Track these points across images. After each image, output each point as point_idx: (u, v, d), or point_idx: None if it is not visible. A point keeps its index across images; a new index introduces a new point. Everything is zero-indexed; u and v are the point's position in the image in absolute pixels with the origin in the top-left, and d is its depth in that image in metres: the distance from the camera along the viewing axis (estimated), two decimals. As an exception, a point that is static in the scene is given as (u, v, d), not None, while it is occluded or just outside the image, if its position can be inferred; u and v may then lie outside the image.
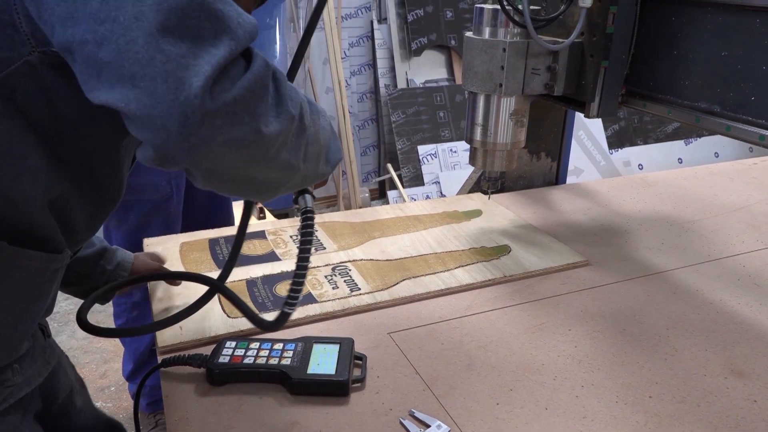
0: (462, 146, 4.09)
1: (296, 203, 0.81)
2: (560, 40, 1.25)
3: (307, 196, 0.81)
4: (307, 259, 0.79)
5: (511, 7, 1.17)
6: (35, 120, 0.62)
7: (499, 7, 1.18)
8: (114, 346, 2.65)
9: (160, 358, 1.00)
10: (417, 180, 4.04)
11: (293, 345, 1.00)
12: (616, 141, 4.63)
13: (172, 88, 0.50)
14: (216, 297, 1.16)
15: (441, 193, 3.95)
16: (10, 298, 0.68)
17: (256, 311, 1.04)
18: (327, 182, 0.86)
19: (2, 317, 0.68)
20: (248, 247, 1.37)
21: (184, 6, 0.50)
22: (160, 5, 0.50)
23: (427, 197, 3.96)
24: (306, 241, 0.78)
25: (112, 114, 0.54)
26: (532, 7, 1.19)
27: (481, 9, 1.23)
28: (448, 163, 4.07)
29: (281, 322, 0.85)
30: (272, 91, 0.56)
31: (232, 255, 0.94)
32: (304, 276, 0.80)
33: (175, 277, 1.15)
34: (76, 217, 0.72)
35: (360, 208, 3.31)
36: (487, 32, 1.23)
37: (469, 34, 1.27)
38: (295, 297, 0.82)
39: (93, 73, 0.52)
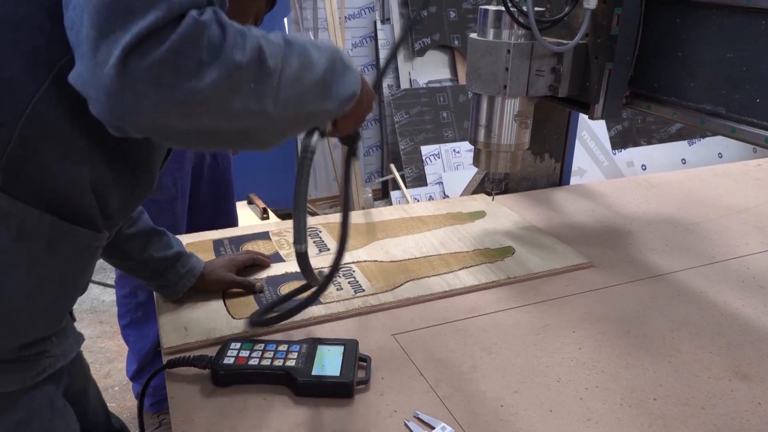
0: (465, 147, 4.10)
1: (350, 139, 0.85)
2: (565, 41, 1.25)
3: (314, 134, 0.80)
4: (302, 195, 0.82)
5: (515, 9, 1.17)
6: (82, 107, 0.64)
7: (503, 8, 1.18)
8: (118, 346, 2.66)
9: (165, 359, 1.01)
10: (420, 180, 4.04)
11: (298, 346, 1.00)
12: (620, 141, 4.63)
13: (99, 62, 0.53)
14: (221, 299, 1.17)
15: (444, 193, 3.95)
16: (58, 271, 0.73)
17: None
18: (364, 117, 0.82)
19: (50, 288, 0.73)
20: (252, 249, 1.37)
21: None
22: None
23: (430, 198, 3.96)
24: (299, 176, 0.80)
25: None
26: (536, 8, 1.19)
27: (486, 10, 1.23)
28: (451, 163, 4.07)
29: (305, 267, 0.89)
30: (208, 43, 0.56)
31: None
32: (302, 213, 0.84)
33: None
34: (112, 200, 0.77)
35: (363, 208, 3.31)
36: (491, 34, 1.23)
37: (473, 35, 1.27)
38: (300, 236, 0.85)
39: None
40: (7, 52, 0.63)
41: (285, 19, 3.63)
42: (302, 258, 0.88)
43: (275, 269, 1.30)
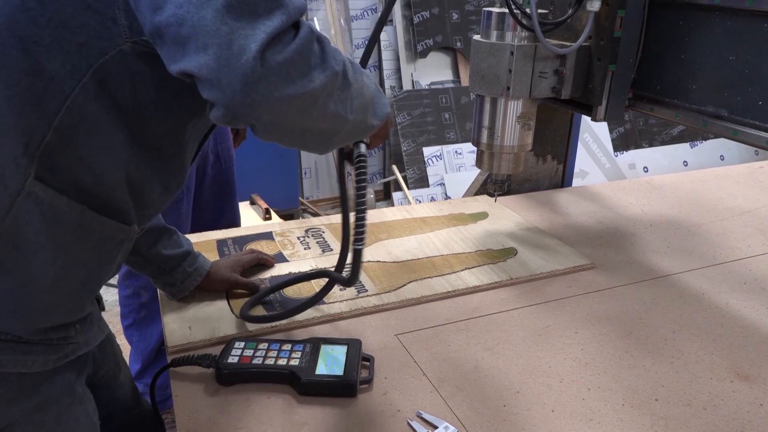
0: (467, 148, 4.10)
1: (350, 152, 0.91)
2: (568, 43, 1.25)
3: (362, 144, 0.90)
4: (364, 196, 0.87)
5: (519, 11, 1.18)
6: (121, 102, 0.71)
7: (506, 10, 1.19)
8: (121, 346, 2.66)
9: (169, 358, 1.01)
10: (422, 181, 4.04)
11: (301, 346, 1.00)
12: (621, 144, 4.63)
13: (234, 53, 0.59)
14: (225, 298, 1.17)
15: (446, 194, 3.96)
16: (84, 259, 0.76)
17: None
18: (389, 136, 0.92)
19: (75, 275, 0.76)
20: (256, 249, 1.38)
21: None
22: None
23: (432, 199, 3.96)
24: (361, 180, 0.87)
25: (181, 100, 0.69)
26: (539, 10, 1.20)
27: (489, 12, 1.24)
28: (453, 164, 4.07)
29: (357, 267, 0.92)
30: (317, 52, 0.65)
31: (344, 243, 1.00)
32: (364, 212, 0.88)
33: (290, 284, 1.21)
34: (145, 195, 0.81)
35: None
36: (494, 35, 1.24)
37: (476, 37, 1.28)
38: (360, 236, 0.89)
39: (178, 48, 0.61)
40: (53, 48, 0.66)
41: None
42: (358, 255, 0.92)
43: (279, 269, 1.30)
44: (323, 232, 1.50)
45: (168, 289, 1.15)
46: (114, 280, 2.98)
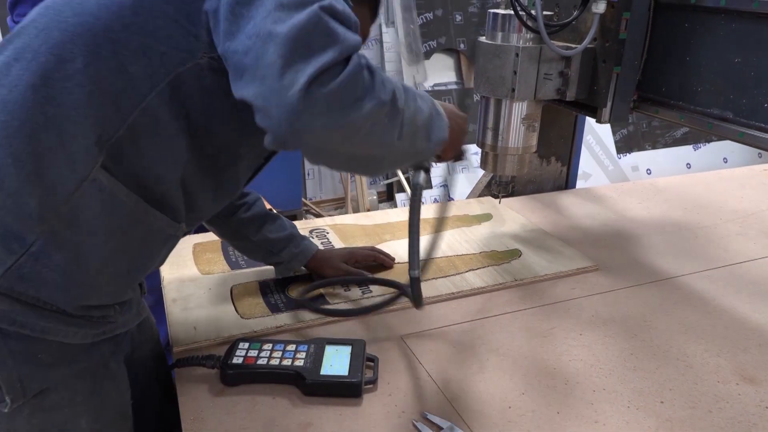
0: (470, 149, 4.09)
1: (410, 177, 0.94)
2: (573, 45, 1.25)
3: (420, 172, 0.94)
4: (414, 225, 0.92)
5: (524, 13, 1.18)
6: (189, 110, 0.77)
7: (512, 12, 1.19)
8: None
9: (174, 358, 1.01)
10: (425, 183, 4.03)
11: (306, 346, 1.00)
12: (625, 146, 4.62)
13: (284, 86, 0.64)
14: (230, 298, 1.17)
15: (449, 196, 3.96)
16: (132, 247, 0.81)
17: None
18: (463, 158, 0.96)
19: (121, 260, 0.80)
20: None
21: (304, 25, 0.66)
22: (289, 26, 0.65)
23: (435, 200, 3.96)
24: (412, 209, 0.93)
25: (242, 117, 0.73)
26: (545, 12, 1.20)
27: (495, 14, 1.24)
28: (455, 166, 4.07)
29: (417, 291, 0.99)
30: (365, 82, 0.69)
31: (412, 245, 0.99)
32: (415, 242, 0.93)
33: (370, 283, 1.26)
34: (198, 197, 0.86)
35: (368, 210, 3.32)
36: (499, 37, 1.24)
37: (481, 38, 1.28)
38: (413, 262, 0.95)
39: (239, 74, 0.68)
40: (138, 53, 0.73)
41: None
42: (415, 282, 0.98)
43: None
44: (327, 233, 1.50)
45: (278, 267, 1.23)
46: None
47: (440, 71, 4.30)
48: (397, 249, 1.40)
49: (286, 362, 0.97)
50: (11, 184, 0.70)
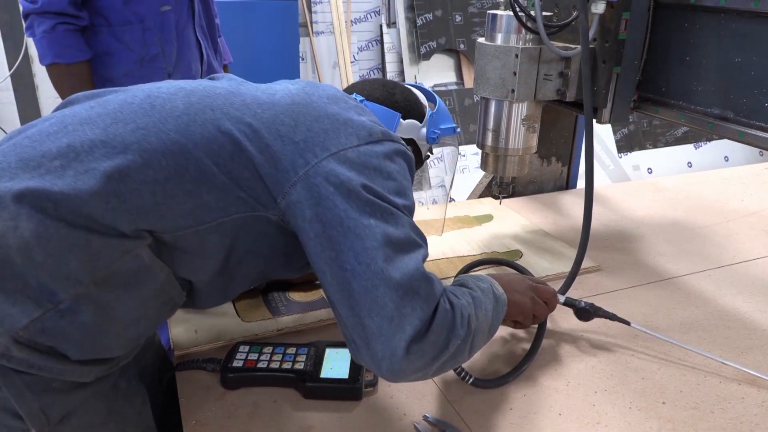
0: (470, 150, 4.10)
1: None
2: (572, 46, 1.25)
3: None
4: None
5: (523, 14, 1.18)
6: (234, 246, 0.84)
7: (511, 13, 1.19)
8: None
9: (175, 362, 1.01)
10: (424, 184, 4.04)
11: (306, 349, 1.00)
12: (625, 145, 4.62)
13: (392, 348, 0.75)
14: (231, 302, 1.17)
15: (449, 197, 3.95)
16: (150, 314, 0.83)
17: None
18: (528, 312, 1.03)
19: (140, 324, 0.83)
20: None
21: (413, 274, 0.78)
22: (401, 273, 0.76)
23: (434, 201, 3.96)
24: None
25: (280, 261, 0.88)
26: (544, 13, 1.20)
27: (494, 15, 1.24)
28: (455, 169, 4.06)
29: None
30: (449, 326, 0.79)
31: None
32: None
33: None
34: (205, 296, 0.91)
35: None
36: (499, 38, 1.24)
37: (481, 39, 1.28)
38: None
39: (345, 293, 0.77)
40: (217, 189, 0.79)
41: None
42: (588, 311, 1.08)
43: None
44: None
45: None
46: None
47: (440, 72, 4.30)
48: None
49: (287, 365, 0.97)
50: (57, 245, 0.71)
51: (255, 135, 0.80)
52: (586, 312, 1.08)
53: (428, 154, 1.13)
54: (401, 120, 1.03)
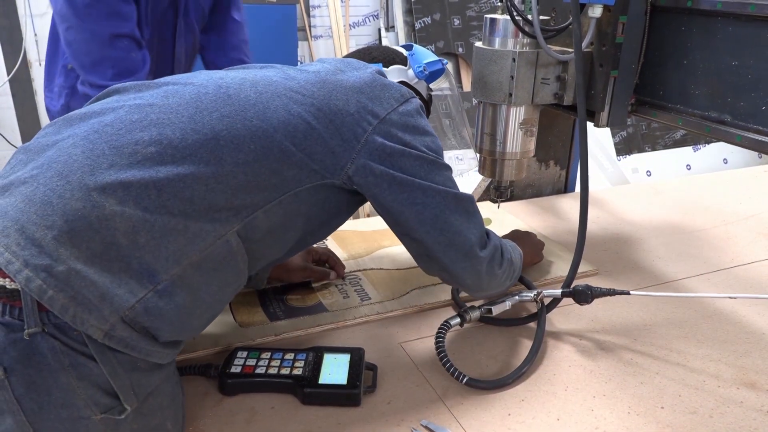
0: (469, 154, 4.09)
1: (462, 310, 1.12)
2: (570, 50, 1.25)
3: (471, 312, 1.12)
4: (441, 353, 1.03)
5: (520, 18, 1.18)
6: (308, 212, 0.93)
7: (508, 17, 1.19)
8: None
9: (172, 368, 1.01)
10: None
11: (304, 355, 1.00)
12: (624, 148, 4.62)
13: (478, 272, 1.01)
14: (228, 306, 1.17)
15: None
16: (225, 296, 0.90)
17: None
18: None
19: (216, 307, 0.89)
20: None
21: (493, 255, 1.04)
22: (491, 254, 1.03)
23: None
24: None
25: (342, 216, 1.02)
26: (541, 17, 1.19)
27: (491, 19, 1.24)
28: (455, 170, 4.07)
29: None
30: (503, 262, 1.07)
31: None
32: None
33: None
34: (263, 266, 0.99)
35: (368, 216, 3.32)
36: (496, 42, 1.24)
37: (478, 43, 1.28)
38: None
39: (454, 277, 1.03)
40: (294, 165, 0.88)
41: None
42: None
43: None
44: (326, 240, 1.49)
45: (248, 285, 1.18)
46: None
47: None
48: (397, 256, 1.40)
49: (285, 371, 0.97)
50: (160, 229, 0.78)
51: (319, 113, 0.90)
52: (584, 294, 1.08)
53: (430, 93, 1.22)
54: (384, 69, 1.09)
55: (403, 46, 1.19)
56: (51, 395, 0.74)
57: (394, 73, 1.12)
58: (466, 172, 4.05)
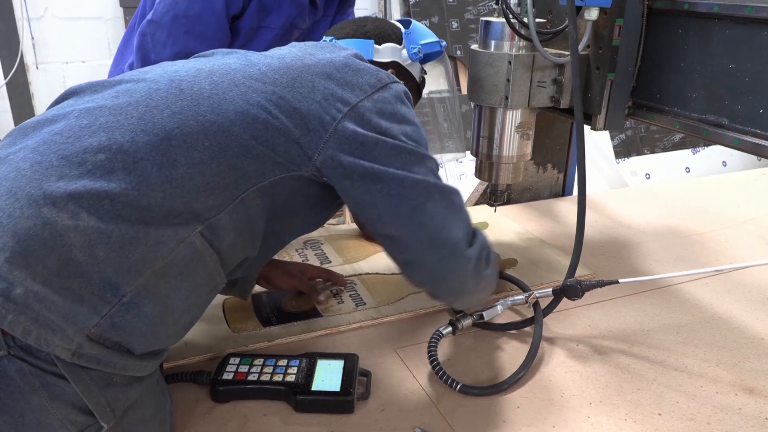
0: (467, 157, 4.09)
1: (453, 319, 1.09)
2: (566, 53, 1.24)
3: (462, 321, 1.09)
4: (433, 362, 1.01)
5: (516, 21, 1.17)
6: (274, 205, 0.88)
7: (504, 20, 1.18)
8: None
9: (164, 374, 1.00)
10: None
11: (297, 361, 0.99)
12: (623, 150, 4.61)
13: (465, 269, 0.94)
14: (221, 312, 1.16)
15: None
16: (200, 301, 0.86)
17: None
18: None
19: (191, 313, 0.85)
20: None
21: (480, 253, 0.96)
22: (476, 255, 0.95)
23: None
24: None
25: (310, 213, 0.96)
26: (537, 20, 1.19)
27: (487, 22, 1.23)
28: (453, 173, 4.06)
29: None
30: (484, 258, 0.97)
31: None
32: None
33: None
34: (249, 268, 0.97)
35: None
36: (492, 45, 1.23)
37: (474, 46, 1.27)
38: None
39: (431, 280, 0.97)
40: (256, 158, 0.83)
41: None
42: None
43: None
44: (322, 244, 1.48)
45: (231, 293, 1.14)
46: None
47: (436, 78, 4.29)
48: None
49: (278, 377, 0.96)
50: (118, 240, 0.73)
51: (281, 101, 0.84)
52: (574, 289, 1.07)
53: (423, 77, 1.16)
54: (376, 46, 1.05)
55: (400, 21, 1.13)
56: (24, 417, 0.71)
57: (386, 52, 1.07)
58: (464, 175, 4.05)
